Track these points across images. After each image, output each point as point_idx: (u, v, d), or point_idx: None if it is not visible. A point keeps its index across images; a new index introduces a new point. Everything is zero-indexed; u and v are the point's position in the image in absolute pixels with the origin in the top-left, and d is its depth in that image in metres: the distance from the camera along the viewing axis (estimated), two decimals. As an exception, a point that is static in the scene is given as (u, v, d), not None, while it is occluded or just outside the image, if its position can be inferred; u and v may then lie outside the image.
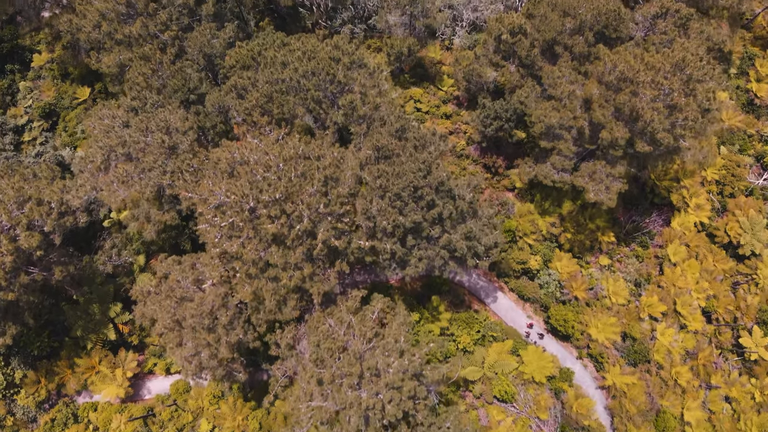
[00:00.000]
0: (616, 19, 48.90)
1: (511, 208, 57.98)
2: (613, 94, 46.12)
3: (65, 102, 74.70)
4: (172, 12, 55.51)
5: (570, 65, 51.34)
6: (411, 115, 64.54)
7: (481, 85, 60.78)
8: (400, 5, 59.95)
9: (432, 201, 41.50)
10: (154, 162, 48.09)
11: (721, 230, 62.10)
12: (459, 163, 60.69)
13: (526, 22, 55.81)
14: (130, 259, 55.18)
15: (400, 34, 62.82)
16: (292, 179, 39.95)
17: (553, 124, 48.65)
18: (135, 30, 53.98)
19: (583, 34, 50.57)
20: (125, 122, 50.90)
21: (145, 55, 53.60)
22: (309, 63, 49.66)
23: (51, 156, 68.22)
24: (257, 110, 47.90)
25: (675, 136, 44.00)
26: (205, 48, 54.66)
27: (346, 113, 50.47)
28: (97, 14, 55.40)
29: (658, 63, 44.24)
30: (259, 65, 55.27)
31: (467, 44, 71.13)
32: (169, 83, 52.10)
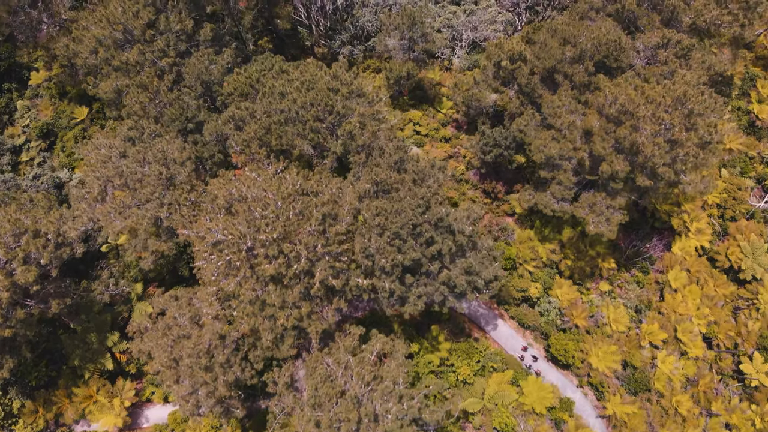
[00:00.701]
0: (617, 49, 48.56)
1: (511, 235, 57.64)
2: (614, 127, 45.77)
3: (63, 122, 74.32)
4: (169, 38, 55.12)
5: (570, 94, 51.01)
6: (410, 139, 64.22)
7: (481, 110, 60.50)
8: (399, 29, 59.59)
9: (431, 238, 41.19)
10: (151, 194, 47.77)
11: (722, 255, 61.75)
12: (458, 187, 60.33)
13: (526, 49, 55.51)
14: (127, 289, 54.83)
15: (400, 57, 62.48)
16: (290, 217, 39.61)
17: (553, 155, 48.30)
18: (132, 57, 53.57)
19: (583, 63, 50.24)
20: (122, 152, 50.56)
21: (143, 83, 53.24)
22: (308, 93, 49.36)
23: (48, 178, 67.89)
24: (255, 142, 47.57)
25: (676, 171, 43.67)
26: (203, 75, 54.29)
27: (344, 143, 50.21)
28: (94, 40, 55.00)
29: (659, 96, 43.87)
30: (258, 92, 55.02)
31: (466, 65, 70.86)
32: (166, 112, 51.77)
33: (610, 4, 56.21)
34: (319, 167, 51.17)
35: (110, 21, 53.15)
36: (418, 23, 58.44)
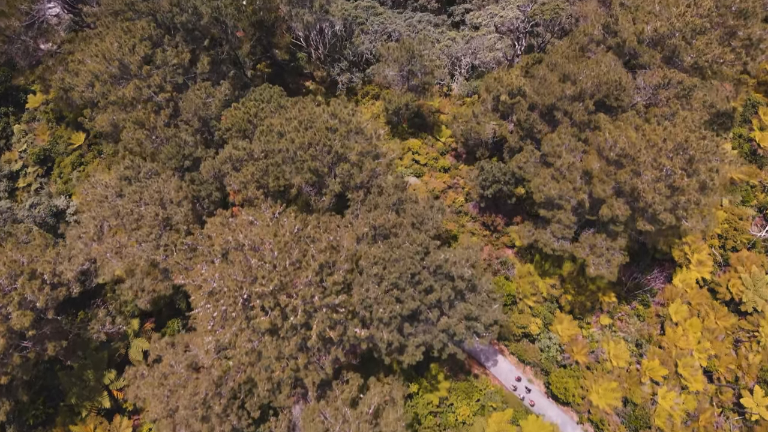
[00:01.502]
0: (618, 89, 48.11)
1: (511, 269, 57.23)
2: (614, 170, 45.34)
3: (60, 147, 73.92)
4: (166, 72, 54.66)
5: (570, 131, 50.59)
6: (409, 169, 63.77)
7: (480, 141, 60.06)
8: (398, 62, 59.09)
9: (430, 287, 40.80)
10: (148, 235, 47.39)
11: (723, 287, 61.32)
12: (458, 219, 59.93)
13: (525, 83, 55.05)
14: (124, 328, 54.46)
15: (398, 88, 61.96)
16: (286, 267, 39.23)
17: (552, 196, 47.86)
18: (128, 93, 53.09)
19: (583, 101, 49.80)
20: (118, 192, 50.19)
21: (139, 119, 52.81)
22: (306, 133, 48.91)
23: (45, 207, 67.44)
24: (252, 184, 47.16)
25: (677, 216, 43.24)
26: (200, 111, 53.88)
27: (342, 182, 49.82)
28: (90, 74, 54.53)
29: (660, 140, 43.43)
30: (255, 127, 54.62)
31: (466, 91, 70.44)
32: (163, 150, 51.36)
33: (610, 36, 55.69)
34: (318, 205, 50.83)
35: (106, 57, 52.67)
36: (417, 56, 57.94)
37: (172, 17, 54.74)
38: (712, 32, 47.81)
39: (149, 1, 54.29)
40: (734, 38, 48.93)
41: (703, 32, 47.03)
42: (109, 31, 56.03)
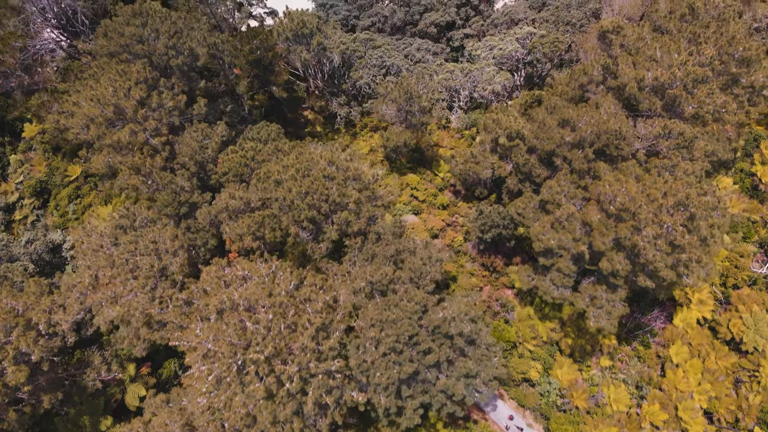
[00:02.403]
0: (618, 138, 47.56)
1: (511, 311, 56.76)
2: (614, 223, 44.83)
3: (56, 179, 73.46)
4: (162, 114, 54.15)
5: (569, 178, 50.06)
6: (408, 206, 63.27)
7: (478, 180, 59.58)
8: (396, 102, 58.56)
9: (428, 348, 40.34)
10: (143, 287, 46.99)
11: (724, 326, 60.82)
12: (457, 259, 59.47)
13: (524, 126, 54.51)
14: (119, 376, 54.03)
15: (397, 126, 61.38)
16: (281, 331, 38.78)
17: (552, 246, 47.37)
18: (124, 137, 52.61)
19: (582, 149, 49.27)
20: (114, 241, 49.74)
21: (135, 165, 52.30)
22: (303, 181, 48.48)
23: (41, 243, 66.96)
24: (249, 236, 46.68)
25: (678, 273, 42.75)
26: (197, 155, 53.36)
27: (340, 229, 49.41)
28: (85, 117, 54.04)
29: (660, 195, 42.93)
30: (252, 171, 54.14)
31: (464, 125, 69.96)
32: (159, 197, 50.84)
33: (610, 77, 55.14)
34: (315, 252, 50.36)
35: (101, 101, 52.17)
36: (415, 97, 57.39)
37: (167, 60, 54.20)
38: (714, 80, 47.24)
39: (144, 43, 53.72)
40: (736, 85, 48.35)
41: (704, 81, 46.45)
42: (104, 72, 55.52)
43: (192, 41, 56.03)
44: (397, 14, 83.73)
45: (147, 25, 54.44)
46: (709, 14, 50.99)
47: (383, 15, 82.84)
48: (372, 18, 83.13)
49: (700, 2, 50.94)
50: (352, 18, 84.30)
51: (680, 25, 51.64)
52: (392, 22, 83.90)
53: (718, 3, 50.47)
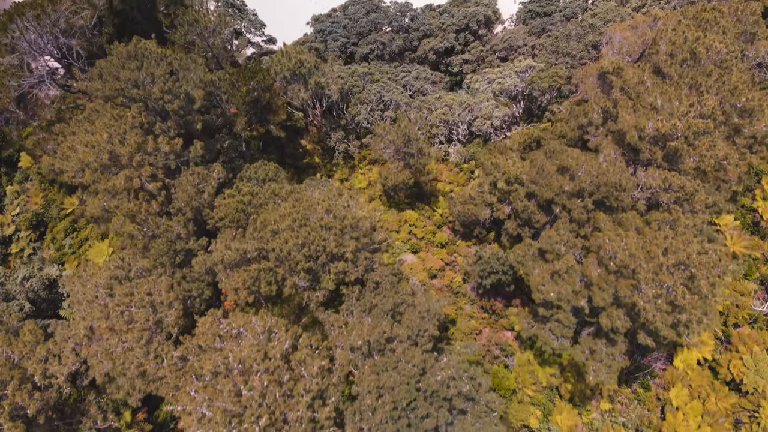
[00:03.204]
0: (618, 190, 47.08)
1: (510, 357, 56.35)
2: (614, 279, 44.39)
3: (53, 212, 73.05)
4: (158, 159, 53.66)
5: (569, 227, 49.63)
6: (406, 244, 62.84)
7: (477, 221, 59.14)
8: (394, 143, 58.07)
9: (427, 414, 39.93)
10: (138, 341, 46.57)
11: (725, 367, 60.45)
12: (456, 301, 59.04)
13: (523, 171, 54.02)
14: (116, 424, 53.62)
15: (395, 166, 60.82)
16: (277, 398, 38.36)
17: (551, 299, 46.94)
18: (119, 183, 52.09)
19: (582, 198, 48.81)
20: (109, 291, 49.31)
21: (131, 212, 51.81)
22: (300, 231, 48.00)
23: (38, 280, 66.53)
24: (244, 291, 46.22)
25: (678, 333, 42.34)
26: (193, 201, 52.88)
27: (337, 279, 48.99)
28: (80, 162, 53.52)
29: (660, 251, 42.51)
30: (249, 216, 53.67)
31: (462, 158, 69.50)
32: (154, 246, 50.37)
33: (610, 120, 54.66)
34: (311, 300, 49.95)
35: (95, 148, 51.65)
36: (413, 140, 56.91)
37: (163, 105, 53.66)
38: (716, 131, 46.74)
39: (140, 87, 53.18)
40: (738, 135, 47.87)
41: (706, 133, 45.94)
42: (99, 116, 55.00)
43: (188, 84, 55.49)
44: (396, 41, 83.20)
45: (142, 68, 53.86)
46: (710, 60, 50.45)
47: (381, 42, 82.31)
48: (371, 45, 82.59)
49: (701, 47, 50.37)
50: (350, 45, 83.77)
51: (681, 70, 51.11)
52: (391, 49, 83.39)
53: (720, 49, 49.91)
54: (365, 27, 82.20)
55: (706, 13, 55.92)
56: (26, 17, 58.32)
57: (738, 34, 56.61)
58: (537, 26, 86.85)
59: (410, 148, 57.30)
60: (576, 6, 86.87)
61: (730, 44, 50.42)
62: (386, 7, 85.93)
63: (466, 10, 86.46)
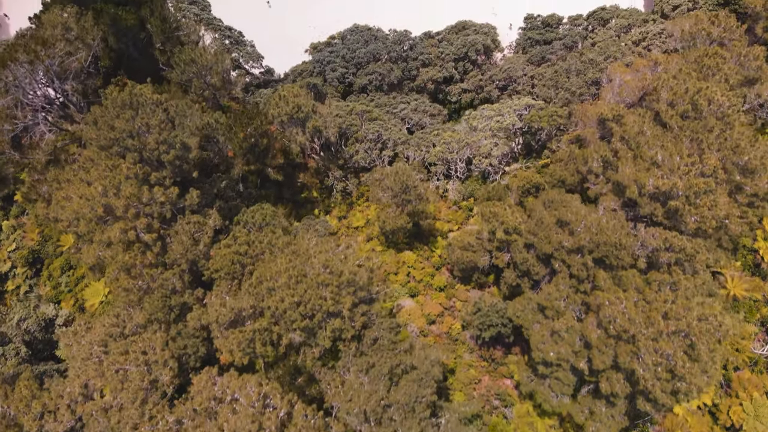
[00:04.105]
0: (618, 249, 46.57)
1: (509, 408, 55.88)
2: (614, 342, 43.95)
3: (49, 249, 72.54)
4: (153, 209, 53.13)
5: (568, 283, 49.17)
6: (405, 288, 62.33)
7: (476, 267, 58.65)
8: (392, 189, 57.52)
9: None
10: (133, 402, 46.14)
11: (724, 412, 60.02)
12: (455, 348, 58.56)
13: (521, 222, 53.48)
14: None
15: (393, 210, 60.21)
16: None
17: (551, 359, 46.50)
18: (114, 236, 51.59)
19: (581, 255, 48.30)
20: (104, 349, 48.87)
21: (126, 265, 51.33)
22: (297, 287, 47.59)
23: (34, 321, 66.12)
24: (239, 353, 45.77)
25: (678, 399, 41.89)
26: (189, 254, 52.37)
27: (333, 336, 48.56)
28: (74, 213, 52.99)
29: (660, 316, 42.06)
30: (245, 267, 53.22)
31: (461, 196, 68.97)
32: (148, 302, 49.88)
33: (610, 168, 54.18)
34: (308, 356, 49.53)
35: (90, 201, 51.13)
36: (411, 188, 56.37)
37: (158, 155, 53.11)
38: (718, 189, 46.19)
39: (135, 138, 52.61)
40: (740, 193, 47.35)
41: (707, 192, 45.40)
42: (93, 165, 54.53)
43: (184, 132, 54.96)
44: (394, 72, 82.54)
45: (137, 117, 53.26)
46: (712, 112, 49.90)
47: (380, 73, 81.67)
48: (369, 76, 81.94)
49: (703, 100, 49.82)
50: (349, 75, 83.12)
51: (682, 122, 50.58)
52: (389, 80, 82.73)
53: (722, 102, 49.35)
54: (363, 58, 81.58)
55: (708, 59, 55.37)
56: (20, 62, 57.70)
57: (740, 81, 56.03)
58: (536, 55, 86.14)
59: (408, 195, 56.76)
60: (576, 34, 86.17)
61: (732, 96, 49.87)
62: (384, 36, 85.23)
63: (465, 38, 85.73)
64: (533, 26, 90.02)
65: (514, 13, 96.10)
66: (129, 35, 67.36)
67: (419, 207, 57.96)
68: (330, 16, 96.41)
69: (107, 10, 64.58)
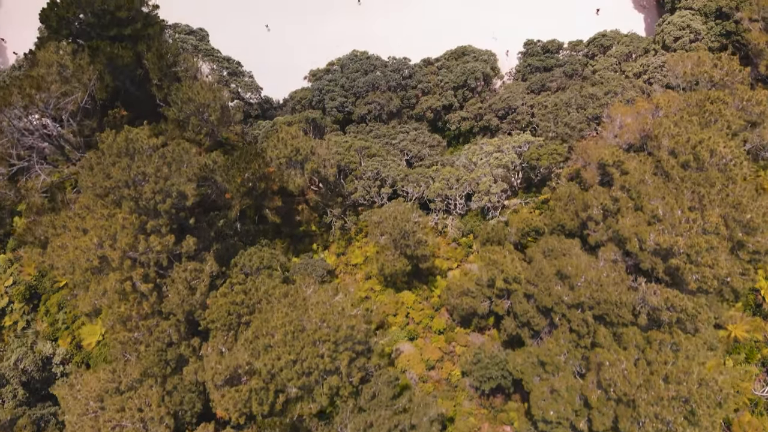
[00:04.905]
0: (618, 306, 46.14)
1: (508, 461, 55.61)
2: (614, 404, 43.52)
3: (46, 284, 72.09)
4: (150, 257, 52.71)
5: (569, 337, 48.77)
6: (403, 331, 61.87)
7: (475, 313, 58.25)
8: (391, 234, 57.08)
9: None
10: (129, 461, 45.88)
11: (726, 457, 59.69)
12: (454, 396, 58.09)
13: (521, 271, 53.02)
14: None
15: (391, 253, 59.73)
16: None
17: (551, 419, 46.11)
18: (110, 286, 51.23)
19: (582, 310, 47.87)
20: (100, 405, 48.53)
21: (122, 317, 50.97)
22: (294, 343, 47.33)
23: (31, 362, 65.68)
24: (235, 413, 45.44)
25: (679, 466, 41.50)
26: (185, 304, 51.97)
27: (331, 394, 48.26)
28: (70, 263, 52.59)
29: (661, 379, 41.65)
30: (241, 317, 52.84)
31: (460, 233, 68.53)
32: (144, 357, 49.49)
33: (610, 216, 53.67)
34: (305, 410, 49.19)
35: (85, 252, 50.71)
36: (410, 233, 55.91)
37: (155, 204, 52.64)
38: (719, 247, 45.68)
39: (131, 188, 52.14)
40: (742, 250, 46.86)
41: (709, 250, 44.91)
42: (89, 212, 54.12)
43: (180, 178, 54.40)
44: (393, 101, 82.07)
45: (133, 165, 52.77)
46: (714, 165, 49.37)
47: (379, 103, 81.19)
48: (368, 106, 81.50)
49: (705, 151, 49.27)
50: (348, 104, 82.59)
51: (684, 173, 50.02)
52: (389, 109, 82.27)
53: (724, 154, 48.82)
54: (362, 88, 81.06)
55: (710, 105, 54.82)
56: (14, 106, 57.20)
57: (742, 126, 55.44)
58: (536, 82, 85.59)
59: (407, 240, 56.33)
60: (576, 62, 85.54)
61: (735, 148, 49.37)
62: (383, 64, 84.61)
63: (464, 66, 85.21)
64: (533, 52, 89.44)
65: (514, 36, 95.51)
66: (125, 72, 66.80)
67: (418, 252, 57.44)
68: (330, 40, 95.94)
69: (104, 48, 63.92)
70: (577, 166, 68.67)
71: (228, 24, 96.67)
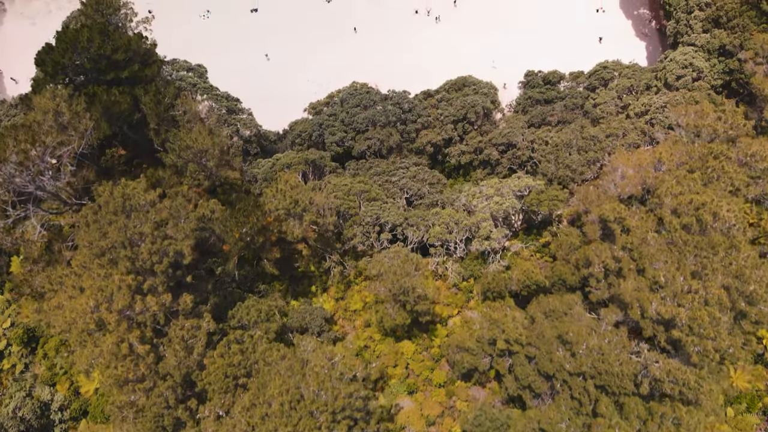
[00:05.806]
0: (619, 378, 45.65)
1: None
2: (615, 480, 43.12)
3: (44, 327, 71.53)
4: (146, 317, 52.30)
5: (570, 404, 48.31)
6: (403, 384, 61.46)
7: (476, 370, 57.81)
8: (390, 288, 56.62)
9: None
10: None
11: None
12: (454, 450, 57.83)
13: (522, 332, 52.55)
14: None
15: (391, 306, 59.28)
16: None
17: (550, 490, 45.73)
18: (106, 347, 50.82)
19: (584, 379, 47.41)
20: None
21: (119, 380, 50.56)
22: (291, 413, 47.13)
23: (29, 409, 65.65)
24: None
25: None
26: (182, 366, 51.54)
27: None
28: (66, 322, 52.20)
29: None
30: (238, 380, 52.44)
31: (461, 277, 68.07)
32: (141, 423, 49.15)
33: (612, 275, 53.10)
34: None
35: (81, 315, 50.29)
36: (410, 290, 55.43)
37: (152, 265, 52.14)
38: (721, 319, 45.13)
39: (127, 248, 51.64)
40: (744, 319, 46.31)
41: (711, 321, 44.36)
42: (86, 270, 53.64)
43: (179, 234, 53.86)
44: (393, 137, 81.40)
45: (130, 224, 52.25)
46: (717, 229, 48.72)
47: (379, 138, 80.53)
48: (368, 141, 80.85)
49: (708, 215, 48.58)
50: (348, 139, 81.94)
51: (686, 237, 49.35)
52: (388, 144, 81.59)
53: (727, 219, 48.16)
54: (362, 124, 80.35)
55: (713, 161, 54.16)
56: (10, 162, 56.55)
57: (746, 182, 54.78)
58: (537, 116, 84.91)
59: (407, 296, 55.89)
60: (577, 95, 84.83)
61: (738, 212, 48.73)
62: (383, 97, 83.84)
63: (464, 99, 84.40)
64: (534, 83, 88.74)
65: (515, 63, 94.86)
66: (123, 118, 66.05)
67: (418, 307, 56.97)
68: (330, 70, 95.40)
69: (100, 95, 63.14)
70: (578, 208, 68.12)
71: (228, 53, 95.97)
